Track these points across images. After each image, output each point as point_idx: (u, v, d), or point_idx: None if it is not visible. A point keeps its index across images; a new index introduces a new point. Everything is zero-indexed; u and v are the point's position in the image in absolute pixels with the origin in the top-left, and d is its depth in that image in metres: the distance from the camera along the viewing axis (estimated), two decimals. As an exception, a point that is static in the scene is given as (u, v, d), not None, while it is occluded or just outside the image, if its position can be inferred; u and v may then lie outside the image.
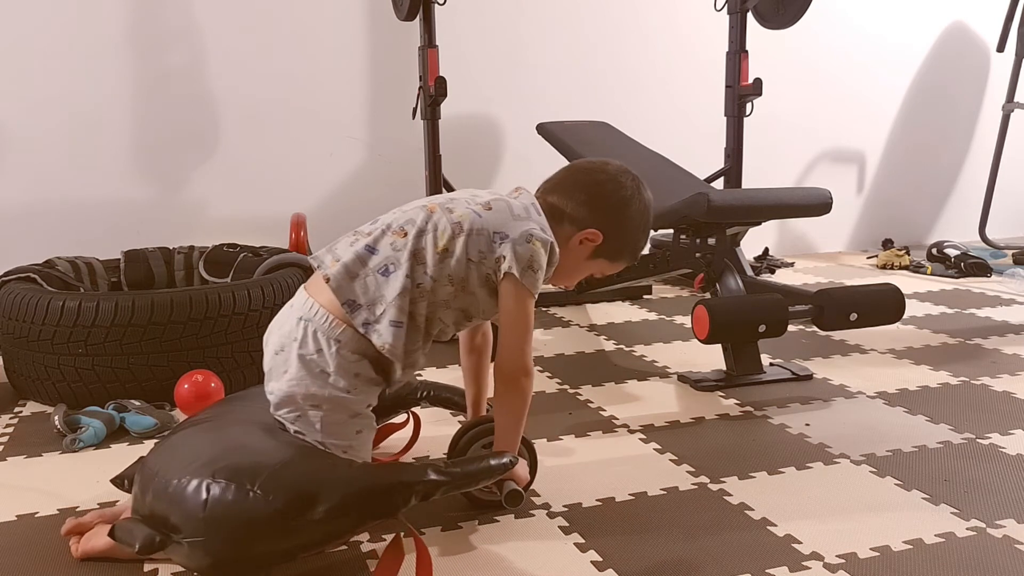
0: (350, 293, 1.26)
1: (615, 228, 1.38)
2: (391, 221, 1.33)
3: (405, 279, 1.26)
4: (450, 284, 1.29)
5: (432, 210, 1.32)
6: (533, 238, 1.28)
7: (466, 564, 1.25)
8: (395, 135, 3.35)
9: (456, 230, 1.28)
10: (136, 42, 3.05)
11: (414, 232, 1.29)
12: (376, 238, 1.30)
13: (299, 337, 1.27)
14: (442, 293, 1.29)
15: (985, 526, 1.32)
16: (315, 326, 1.27)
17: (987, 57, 4.29)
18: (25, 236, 2.94)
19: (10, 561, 1.28)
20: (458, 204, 1.33)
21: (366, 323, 1.26)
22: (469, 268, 1.29)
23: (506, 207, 1.33)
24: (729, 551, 1.26)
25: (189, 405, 1.84)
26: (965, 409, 1.86)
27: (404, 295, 1.26)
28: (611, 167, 1.42)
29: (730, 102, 3.11)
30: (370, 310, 1.26)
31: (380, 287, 1.27)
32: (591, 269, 1.43)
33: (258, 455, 1.18)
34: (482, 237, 1.28)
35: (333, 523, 1.14)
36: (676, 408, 1.91)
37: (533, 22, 3.53)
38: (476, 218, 1.30)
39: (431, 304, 1.29)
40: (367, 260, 1.28)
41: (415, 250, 1.28)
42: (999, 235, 3.96)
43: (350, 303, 1.26)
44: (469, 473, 1.25)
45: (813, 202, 2.13)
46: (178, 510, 1.13)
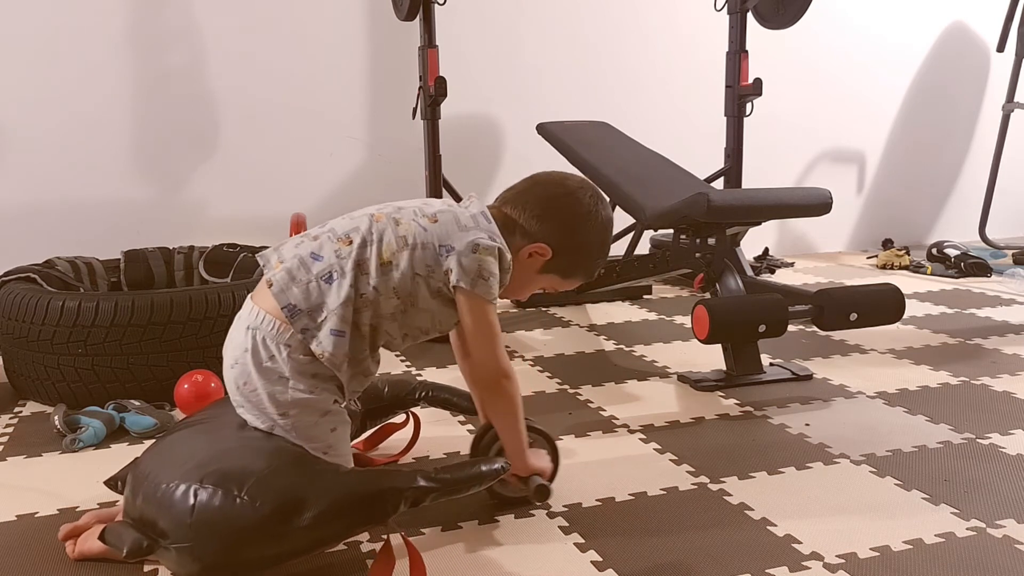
0: (291, 298, 1.24)
1: (567, 244, 1.36)
2: (336, 227, 1.31)
3: (349, 288, 1.24)
4: (395, 297, 1.27)
5: (378, 219, 1.30)
6: (479, 247, 1.27)
7: (466, 564, 1.25)
8: (395, 135, 3.35)
9: (400, 244, 1.27)
10: (136, 42, 3.05)
11: (358, 241, 1.27)
12: (321, 244, 1.28)
13: (249, 347, 1.26)
14: (387, 306, 1.27)
15: (985, 526, 1.32)
16: (263, 333, 1.25)
17: (987, 57, 4.29)
18: (25, 236, 2.94)
19: (10, 561, 1.28)
20: (405, 215, 1.31)
21: (305, 329, 1.24)
22: (416, 282, 1.27)
23: (452, 218, 1.30)
24: (729, 551, 1.26)
25: (189, 405, 1.84)
26: (965, 409, 1.86)
27: (347, 304, 1.24)
28: (571, 182, 1.40)
29: (730, 102, 3.11)
30: (311, 316, 1.24)
31: (323, 294, 1.24)
32: (541, 283, 1.41)
33: (247, 460, 1.18)
34: (428, 251, 1.27)
35: (321, 529, 1.14)
36: (676, 408, 1.91)
37: (533, 22, 3.53)
38: (421, 231, 1.28)
39: (375, 315, 1.27)
40: (311, 266, 1.26)
41: (359, 260, 1.26)
42: (999, 235, 3.97)
43: (290, 307, 1.24)
44: (459, 479, 1.24)
45: (813, 202, 2.13)
46: (166, 515, 1.13)
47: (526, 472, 1.37)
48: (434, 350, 2.44)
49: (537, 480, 1.35)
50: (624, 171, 2.61)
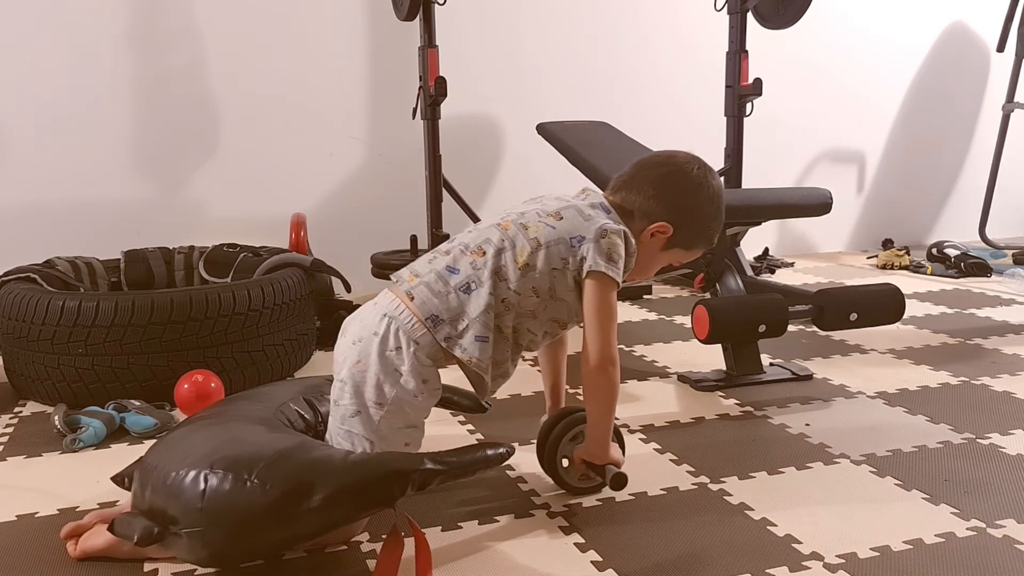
0: (433, 309, 1.30)
1: (685, 218, 1.41)
2: (467, 241, 1.37)
3: (489, 296, 1.30)
4: (535, 295, 1.33)
5: (506, 227, 1.36)
6: (608, 232, 1.33)
7: (466, 564, 1.25)
8: (395, 135, 3.35)
9: (534, 245, 1.33)
10: (136, 42, 3.05)
11: (492, 251, 1.33)
12: (455, 257, 1.35)
13: (380, 332, 1.30)
14: (528, 304, 1.33)
15: (985, 526, 1.32)
16: (398, 324, 1.30)
17: (987, 57, 4.29)
18: (25, 236, 2.94)
19: (10, 561, 1.28)
20: (530, 219, 1.36)
21: (448, 338, 1.30)
22: (554, 276, 1.33)
23: (575, 212, 1.36)
24: (729, 551, 1.26)
25: (189, 405, 1.84)
26: (965, 409, 1.86)
27: (488, 311, 1.30)
28: (678, 158, 1.44)
29: (730, 102, 3.11)
30: (453, 326, 1.30)
31: (463, 304, 1.31)
32: (667, 260, 1.47)
33: (256, 446, 1.19)
34: (561, 245, 1.33)
35: (330, 512, 1.14)
36: (676, 408, 1.91)
37: (533, 22, 3.53)
38: (550, 230, 1.34)
39: (518, 316, 1.33)
40: (448, 279, 1.32)
41: (496, 268, 1.32)
42: (999, 235, 3.97)
43: (433, 318, 1.30)
44: (465, 463, 1.24)
45: (813, 202, 2.13)
46: (176, 502, 1.14)
47: (605, 460, 1.41)
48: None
49: (614, 469, 1.39)
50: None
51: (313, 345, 2.39)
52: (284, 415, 1.37)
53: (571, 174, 2.71)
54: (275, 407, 1.38)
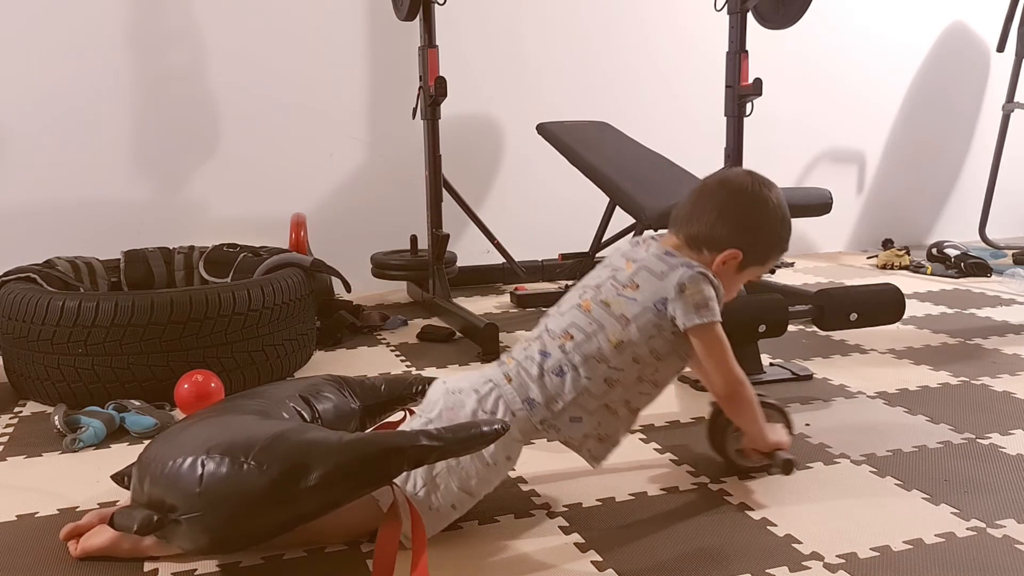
0: (530, 392, 1.33)
1: (753, 239, 1.41)
2: (553, 327, 1.39)
3: (584, 380, 1.32)
4: (637, 363, 1.35)
5: (588, 308, 1.37)
6: (686, 284, 1.33)
7: (466, 564, 1.25)
8: (395, 135, 3.35)
9: (622, 323, 1.34)
10: (136, 42, 3.05)
11: (581, 336, 1.35)
12: (545, 343, 1.37)
13: (482, 392, 1.34)
14: (632, 375, 1.35)
15: (985, 526, 1.32)
16: (501, 392, 1.33)
17: (987, 57, 4.29)
18: (25, 236, 2.94)
19: (10, 561, 1.28)
20: (608, 295, 1.37)
21: (543, 420, 1.33)
22: (652, 343, 1.35)
23: (648, 275, 1.36)
24: (729, 551, 1.26)
25: (189, 405, 1.84)
26: (965, 409, 1.86)
27: (584, 394, 1.33)
28: (732, 179, 1.45)
29: (730, 102, 3.10)
30: (548, 408, 1.33)
31: (557, 387, 1.33)
32: (746, 278, 1.46)
33: (251, 431, 1.20)
34: (648, 314, 1.34)
35: (328, 490, 1.14)
36: (676, 408, 1.91)
37: (533, 22, 3.53)
38: (632, 303, 1.35)
39: (626, 388, 1.36)
40: (541, 363, 1.34)
41: (589, 352, 1.33)
42: (999, 235, 3.97)
43: (529, 401, 1.32)
44: (461, 439, 1.24)
45: (813, 202, 2.14)
46: (174, 489, 1.15)
47: (770, 447, 1.45)
48: (435, 350, 2.44)
49: (783, 455, 1.44)
50: (624, 171, 2.61)
51: (313, 345, 2.39)
52: (282, 411, 1.38)
53: (571, 174, 2.71)
54: (273, 404, 1.38)
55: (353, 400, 1.53)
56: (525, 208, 3.54)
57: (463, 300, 3.04)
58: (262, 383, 2.02)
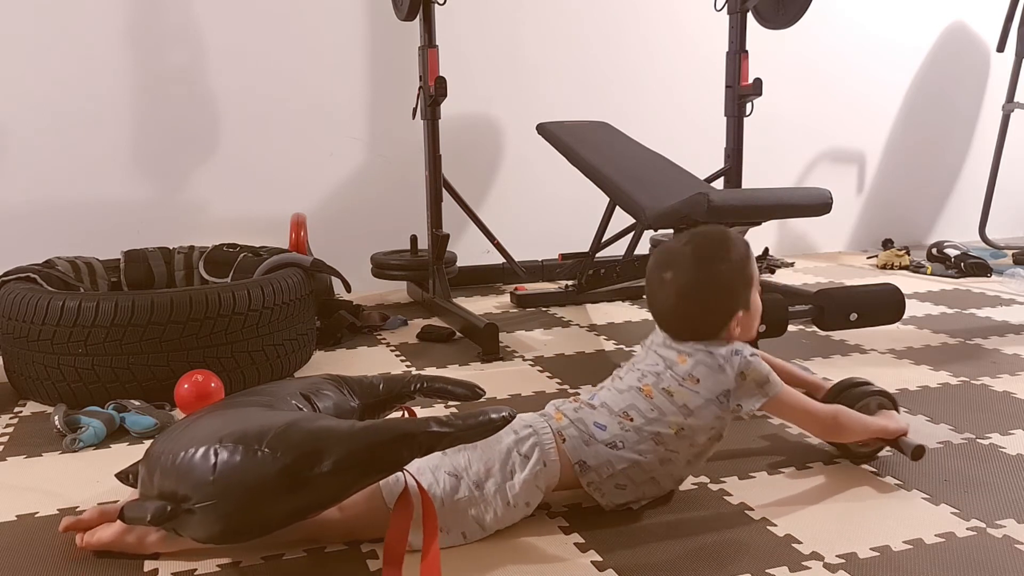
0: (584, 455, 1.36)
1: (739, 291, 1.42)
2: (610, 403, 1.40)
3: (639, 456, 1.36)
4: (693, 447, 1.39)
5: (648, 394, 1.39)
6: (744, 375, 1.37)
7: (466, 564, 1.25)
8: (395, 135, 3.35)
9: (685, 413, 1.37)
10: (136, 41, 3.05)
11: (641, 420, 1.37)
12: (603, 416, 1.39)
13: (521, 435, 1.35)
14: (687, 454, 1.40)
15: (985, 526, 1.32)
16: (539, 440, 1.35)
17: (987, 57, 4.29)
18: (25, 236, 2.94)
19: (10, 561, 1.29)
20: (670, 383, 1.38)
21: (591, 483, 1.36)
22: (713, 428, 1.39)
23: (705, 369, 1.37)
24: (729, 551, 1.26)
25: (189, 405, 1.84)
26: (965, 409, 1.86)
27: (636, 468, 1.36)
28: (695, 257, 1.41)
29: (730, 102, 3.10)
30: (597, 472, 1.36)
31: (609, 457, 1.36)
32: (757, 310, 1.46)
33: (263, 421, 1.21)
34: (712, 406, 1.37)
35: (340, 477, 1.15)
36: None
37: (533, 22, 3.53)
38: (695, 396, 1.37)
39: (677, 466, 1.40)
40: (595, 434, 1.37)
41: (649, 434, 1.36)
42: (999, 235, 3.96)
43: (581, 464, 1.36)
44: (471, 425, 1.24)
45: (813, 202, 2.13)
46: (187, 479, 1.15)
47: (892, 436, 1.51)
48: (435, 350, 2.44)
49: (911, 442, 1.48)
50: (624, 171, 2.61)
51: (313, 345, 2.39)
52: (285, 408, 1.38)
53: (571, 174, 2.71)
54: (276, 401, 1.38)
55: (352, 399, 1.53)
56: (525, 208, 3.55)
57: (463, 300, 3.04)
58: (262, 383, 2.01)
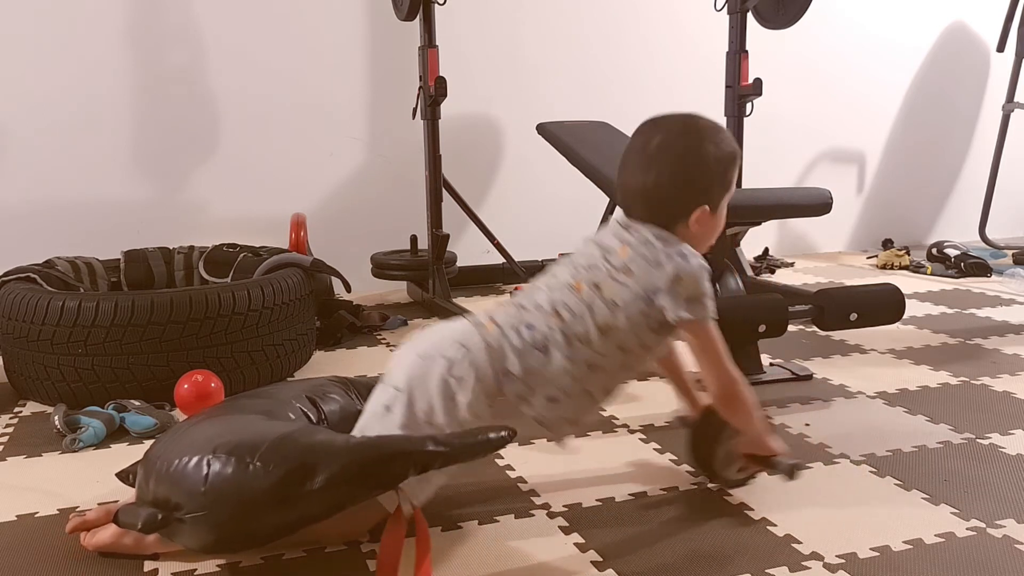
0: (508, 364, 1.30)
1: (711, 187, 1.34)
2: (541, 301, 1.35)
3: (566, 361, 1.30)
4: (622, 352, 1.32)
5: (579, 289, 1.33)
6: (680, 277, 1.29)
7: (466, 564, 1.25)
8: (395, 135, 3.35)
9: (612, 308, 1.31)
10: (136, 41, 3.05)
11: (568, 316, 1.31)
12: (534, 317, 1.33)
13: (450, 356, 1.29)
14: (616, 362, 1.33)
15: (985, 526, 1.32)
16: (472, 358, 1.29)
17: (987, 57, 4.29)
18: (25, 236, 2.94)
19: (10, 561, 1.28)
20: (601, 277, 1.33)
21: (519, 395, 1.30)
22: (639, 332, 1.32)
23: (643, 262, 1.31)
24: (729, 551, 1.26)
25: (189, 405, 1.84)
26: (965, 409, 1.86)
27: (565, 375, 1.30)
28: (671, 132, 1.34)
29: (730, 102, 3.10)
30: (525, 383, 1.30)
31: (538, 363, 1.30)
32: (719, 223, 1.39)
33: (257, 432, 1.20)
34: (639, 302, 1.30)
35: (333, 493, 1.14)
36: (676, 408, 1.91)
37: (533, 22, 3.53)
38: (624, 290, 1.31)
39: (609, 375, 1.34)
40: (525, 336, 1.31)
41: (576, 333, 1.30)
42: (999, 235, 3.96)
43: (506, 372, 1.29)
44: (468, 445, 1.24)
45: (813, 202, 2.13)
46: (179, 487, 1.15)
47: (769, 452, 1.40)
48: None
49: (786, 461, 1.39)
50: (624, 171, 2.61)
51: (313, 345, 2.39)
52: (287, 411, 1.38)
53: (571, 174, 2.71)
54: (279, 405, 1.38)
55: (359, 402, 1.52)
56: (525, 208, 3.55)
57: (463, 300, 3.03)
58: (262, 383, 2.03)
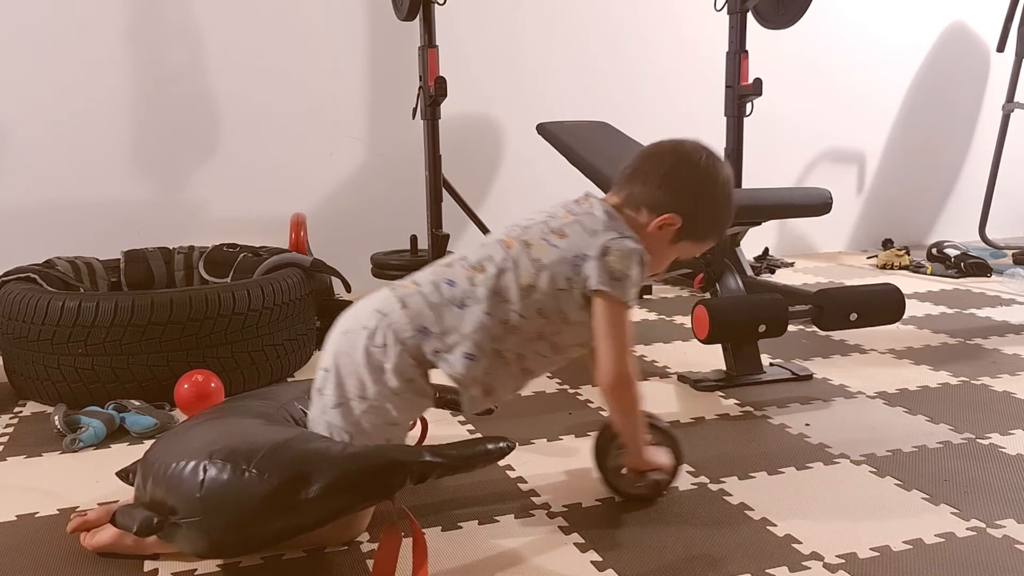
0: (425, 320, 1.28)
1: (693, 209, 1.36)
2: (469, 256, 1.34)
3: (484, 315, 1.27)
4: (541, 317, 1.30)
5: (509, 245, 1.33)
6: (611, 249, 1.28)
7: (466, 564, 1.25)
8: (395, 135, 3.35)
9: (537, 267, 1.29)
10: (136, 41, 3.05)
11: (493, 270, 1.30)
12: (456, 271, 1.32)
13: (370, 327, 1.28)
14: (534, 326, 1.30)
15: (985, 526, 1.32)
16: (389, 322, 1.28)
17: (987, 57, 4.29)
18: (25, 236, 2.94)
19: (10, 561, 1.29)
20: (533, 236, 1.33)
21: (436, 352, 1.28)
22: (560, 297, 1.29)
23: (580, 228, 1.32)
24: (729, 551, 1.26)
25: (189, 405, 1.84)
26: (965, 409, 1.86)
27: (482, 331, 1.27)
28: (685, 147, 1.39)
29: (730, 102, 3.10)
30: (441, 339, 1.28)
31: (455, 319, 1.28)
32: (676, 253, 1.41)
33: (254, 437, 1.20)
34: (564, 265, 1.29)
35: (328, 502, 1.14)
36: (676, 408, 1.91)
37: (533, 22, 3.53)
38: (553, 250, 1.30)
39: (524, 340, 1.30)
40: (444, 292, 1.30)
41: (496, 288, 1.28)
42: (999, 235, 3.96)
43: (423, 329, 1.28)
44: (465, 456, 1.24)
45: (813, 202, 2.13)
46: (175, 492, 1.15)
47: (643, 467, 1.40)
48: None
49: (653, 476, 1.40)
50: (624, 171, 2.61)
51: (313, 345, 2.39)
52: (287, 412, 1.38)
53: (571, 174, 2.71)
54: (278, 406, 1.38)
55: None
56: (525, 208, 3.51)
57: (463, 300, 3.03)
58: (262, 383, 2.03)
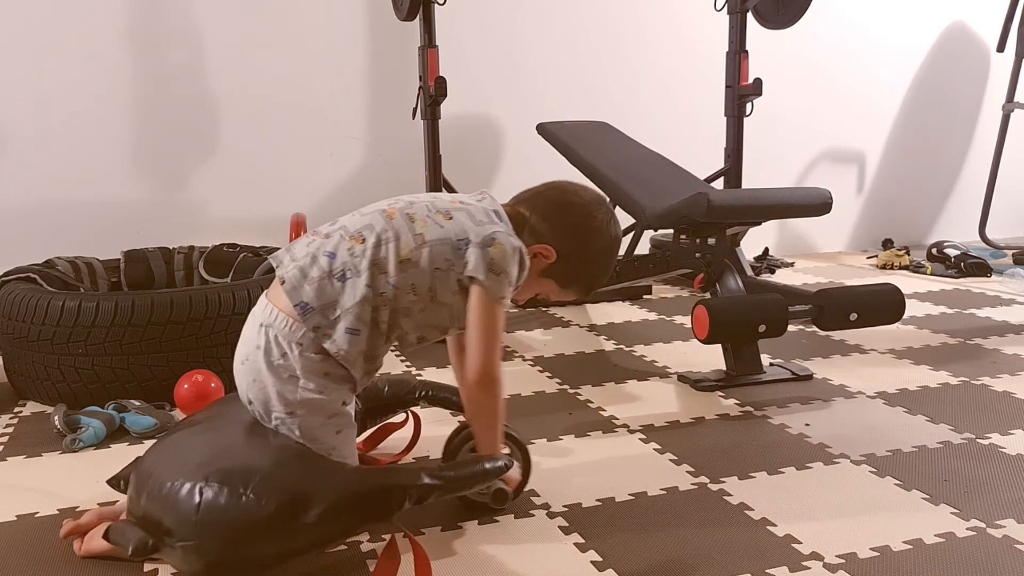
0: (304, 296, 1.24)
1: (572, 251, 1.36)
2: (348, 225, 1.30)
3: (366, 288, 1.24)
4: (413, 293, 1.27)
5: (391, 215, 1.29)
6: (495, 241, 1.27)
7: (466, 564, 1.25)
8: (395, 135, 3.35)
9: (418, 241, 1.26)
10: (136, 41, 3.05)
11: (372, 240, 1.26)
12: (334, 242, 1.28)
13: (262, 344, 1.25)
14: (404, 301, 1.27)
15: (985, 526, 1.32)
16: (276, 331, 1.25)
17: (987, 57, 4.29)
18: (25, 236, 2.94)
19: (10, 561, 1.28)
20: (418, 211, 1.30)
21: (318, 327, 1.24)
22: (436, 277, 1.27)
23: (466, 215, 1.30)
24: (729, 551, 1.26)
25: (189, 405, 1.84)
26: (965, 409, 1.86)
27: (364, 303, 1.24)
28: (587, 194, 1.40)
29: (730, 102, 3.11)
30: (323, 315, 1.24)
31: (336, 292, 1.24)
32: (539, 288, 1.40)
33: (251, 458, 1.18)
34: (446, 246, 1.27)
35: (326, 527, 1.14)
36: (676, 408, 1.91)
37: (533, 22, 3.53)
38: (437, 228, 1.28)
39: (393, 312, 1.27)
40: (323, 264, 1.26)
41: (375, 259, 1.25)
42: (999, 235, 3.96)
43: (303, 305, 1.24)
44: (463, 477, 1.24)
45: (813, 202, 2.13)
46: (171, 514, 1.13)
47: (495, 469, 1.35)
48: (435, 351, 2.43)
49: (498, 484, 1.34)
50: (624, 171, 2.61)
51: (313, 345, 2.38)
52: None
53: (571, 174, 2.71)
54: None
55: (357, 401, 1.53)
56: (525, 208, 3.54)
57: (463, 300, 3.03)
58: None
